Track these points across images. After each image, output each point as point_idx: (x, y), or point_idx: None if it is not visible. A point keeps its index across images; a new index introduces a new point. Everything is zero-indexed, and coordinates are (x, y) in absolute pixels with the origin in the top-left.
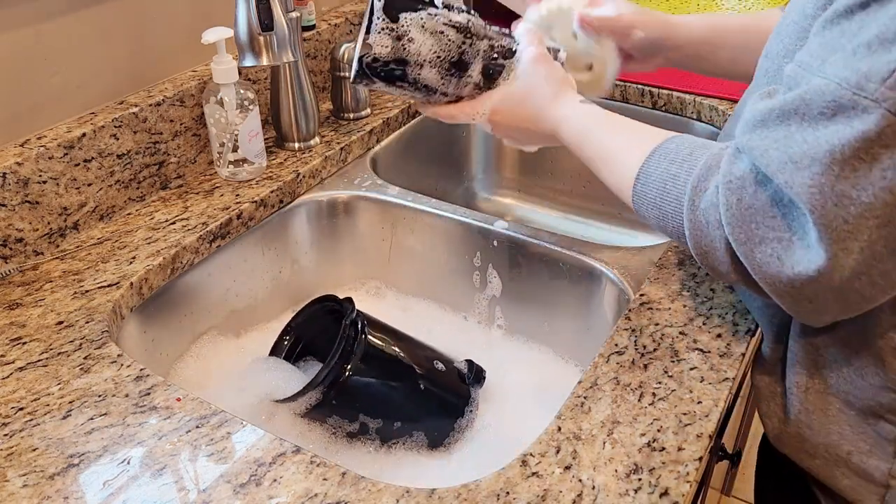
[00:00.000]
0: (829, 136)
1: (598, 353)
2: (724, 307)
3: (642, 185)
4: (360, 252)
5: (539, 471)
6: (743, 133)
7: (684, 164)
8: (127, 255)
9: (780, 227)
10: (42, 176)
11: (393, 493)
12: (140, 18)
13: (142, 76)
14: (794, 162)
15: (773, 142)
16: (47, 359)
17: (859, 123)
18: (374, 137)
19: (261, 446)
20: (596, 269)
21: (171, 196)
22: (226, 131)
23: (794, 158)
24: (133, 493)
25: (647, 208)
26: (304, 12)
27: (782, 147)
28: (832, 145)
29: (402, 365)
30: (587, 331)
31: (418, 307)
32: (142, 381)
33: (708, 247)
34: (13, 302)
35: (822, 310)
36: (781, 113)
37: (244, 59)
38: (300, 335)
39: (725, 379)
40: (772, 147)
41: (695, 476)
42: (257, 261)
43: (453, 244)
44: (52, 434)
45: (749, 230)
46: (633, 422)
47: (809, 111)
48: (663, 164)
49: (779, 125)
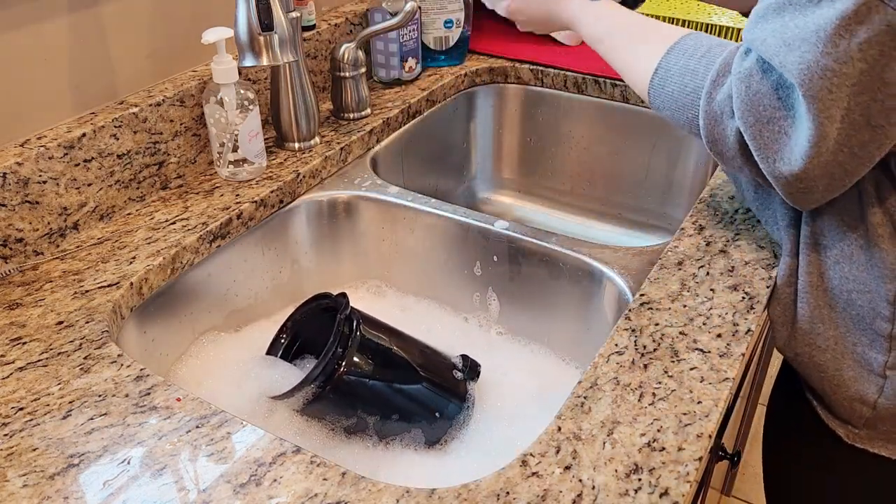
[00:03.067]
0: (815, 19)
1: (598, 353)
2: (724, 307)
3: (660, 78)
4: (360, 252)
5: (539, 471)
6: (747, 29)
7: (702, 60)
8: (127, 255)
9: (782, 108)
10: (42, 176)
11: (393, 493)
12: (140, 18)
13: (142, 76)
14: (787, 45)
15: (770, 31)
16: (47, 359)
17: (840, 4)
18: (374, 137)
19: (261, 446)
20: (596, 269)
21: (171, 196)
22: (226, 131)
23: (787, 42)
24: (133, 493)
25: (663, 99)
26: (304, 12)
27: (778, 34)
28: (818, 26)
29: (398, 360)
30: (587, 331)
31: (418, 307)
32: (142, 381)
33: (720, 135)
34: (13, 302)
35: (811, 188)
36: (777, 6)
37: (244, 59)
38: (296, 333)
39: (725, 379)
40: (769, 36)
41: (695, 476)
42: (257, 261)
43: (453, 244)
44: (52, 434)
45: (757, 112)
46: (633, 422)
47: (800, 0)
48: (682, 59)
49: (775, 17)
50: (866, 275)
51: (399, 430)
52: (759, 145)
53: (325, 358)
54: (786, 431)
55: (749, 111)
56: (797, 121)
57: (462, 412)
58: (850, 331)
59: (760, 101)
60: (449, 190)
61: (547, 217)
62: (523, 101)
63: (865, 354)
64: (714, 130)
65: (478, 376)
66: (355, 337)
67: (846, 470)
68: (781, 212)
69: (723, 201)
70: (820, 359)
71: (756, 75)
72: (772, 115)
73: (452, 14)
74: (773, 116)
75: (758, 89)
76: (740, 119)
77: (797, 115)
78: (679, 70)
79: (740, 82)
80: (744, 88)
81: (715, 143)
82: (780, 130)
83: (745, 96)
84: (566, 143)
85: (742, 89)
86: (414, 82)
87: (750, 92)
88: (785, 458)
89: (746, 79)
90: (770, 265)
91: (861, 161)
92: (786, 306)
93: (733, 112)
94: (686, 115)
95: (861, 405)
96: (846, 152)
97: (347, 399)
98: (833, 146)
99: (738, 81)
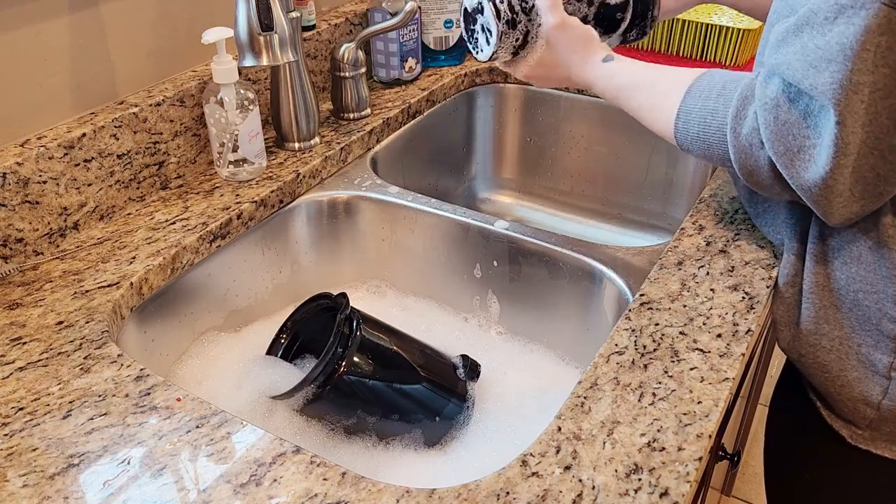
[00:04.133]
0: (837, 37)
1: (598, 353)
2: (724, 307)
3: (683, 122)
4: (360, 252)
5: (539, 471)
6: (770, 56)
7: (720, 98)
8: (127, 255)
9: (812, 136)
10: (42, 176)
11: (393, 493)
12: (140, 18)
13: (142, 76)
14: (814, 67)
15: (793, 54)
16: (47, 359)
17: (859, 20)
18: (374, 137)
19: (261, 446)
20: (596, 269)
21: (171, 196)
22: (226, 131)
23: (812, 64)
24: (133, 493)
25: (692, 142)
26: (304, 12)
27: (801, 56)
28: (842, 45)
29: (398, 360)
30: (587, 331)
31: (418, 306)
32: (142, 381)
33: (753, 167)
34: (13, 302)
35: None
36: (796, 27)
37: (244, 59)
38: (296, 333)
39: (725, 379)
40: (793, 59)
41: (695, 476)
42: (257, 261)
43: (453, 244)
44: (52, 434)
45: (787, 142)
46: (633, 422)
47: (817, 19)
48: (699, 101)
49: (795, 38)
50: (874, 275)
51: (399, 430)
52: (791, 174)
53: (325, 358)
54: (789, 432)
55: (779, 142)
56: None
57: (462, 412)
58: (855, 332)
59: (790, 130)
60: (449, 190)
61: (547, 217)
62: (523, 101)
63: (870, 355)
64: (747, 163)
65: (478, 376)
66: (355, 337)
67: (849, 471)
68: (785, 214)
69: (723, 201)
70: (824, 359)
71: (783, 105)
72: (802, 144)
73: (452, 14)
74: (803, 146)
75: (786, 119)
76: (770, 149)
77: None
78: (699, 112)
79: (767, 112)
80: (772, 119)
81: (751, 175)
82: (809, 159)
83: (774, 126)
84: (566, 143)
85: (770, 120)
86: (414, 82)
87: (778, 122)
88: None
89: (773, 109)
90: (770, 265)
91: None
92: (789, 307)
93: (762, 143)
94: (717, 153)
95: (865, 406)
96: (876, 155)
97: (347, 399)
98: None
99: (765, 111)
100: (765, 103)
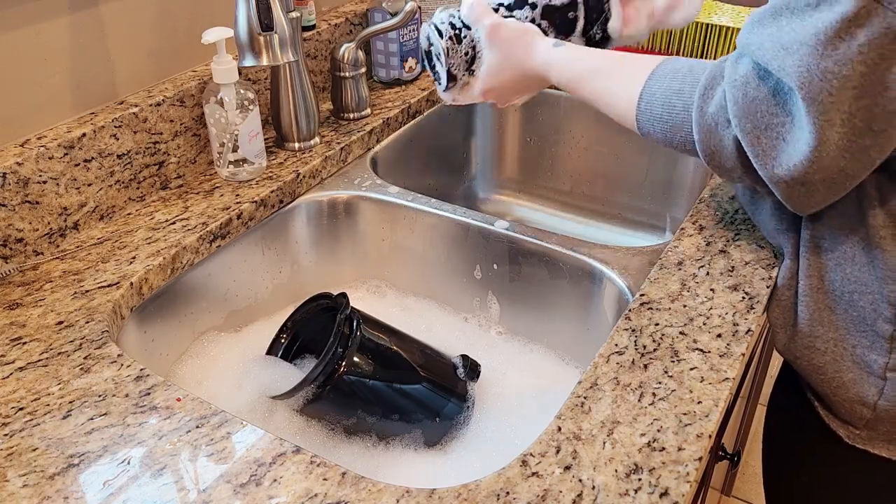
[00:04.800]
0: (814, 22)
1: (598, 353)
2: (724, 307)
3: (646, 103)
4: (360, 252)
5: (539, 471)
6: (742, 35)
7: (687, 79)
8: (127, 255)
9: (781, 113)
10: (42, 176)
11: (393, 493)
12: (140, 18)
13: (142, 76)
14: (785, 49)
15: (767, 36)
16: (47, 359)
17: (839, 7)
18: (374, 137)
19: (261, 446)
20: (596, 269)
21: (171, 196)
22: (226, 131)
23: (785, 45)
24: (133, 493)
25: (653, 124)
26: (304, 12)
27: (775, 38)
28: (817, 29)
29: (398, 360)
30: (587, 331)
31: (418, 306)
32: (142, 381)
33: (717, 146)
34: (13, 302)
35: (811, 192)
36: (773, 11)
37: (244, 59)
38: (296, 333)
39: (725, 379)
40: (766, 40)
41: (695, 476)
42: (257, 261)
43: (453, 244)
44: (52, 434)
45: (755, 119)
46: (633, 422)
47: (797, 4)
48: (664, 81)
49: (772, 21)
50: (868, 276)
51: (399, 430)
52: (757, 152)
53: (326, 358)
54: (786, 432)
55: (746, 118)
56: (796, 126)
57: (462, 412)
58: (850, 333)
59: (758, 107)
60: (449, 190)
61: (547, 217)
62: None
63: (865, 357)
64: (710, 142)
65: (478, 376)
66: (355, 337)
67: (846, 471)
68: (780, 215)
69: (723, 201)
70: (819, 361)
71: (752, 81)
72: (770, 121)
73: None
74: (770, 122)
75: (755, 95)
76: (737, 126)
77: (796, 120)
78: (664, 92)
79: (736, 89)
80: (740, 95)
81: (713, 156)
82: (778, 136)
83: (742, 103)
84: (566, 144)
85: (738, 96)
86: (414, 82)
87: (747, 99)
88: (785, 458)
89: (742, 86)
90: (770, 265)
91: (862, 165)
92: (786, 309)
93: (729, 121)
94: (678, 135)
95: (861, 407)
96: (847, 157)
97: (347, 399)
98: (834, 151)
99: (734, 88)
100: (734, 80)
